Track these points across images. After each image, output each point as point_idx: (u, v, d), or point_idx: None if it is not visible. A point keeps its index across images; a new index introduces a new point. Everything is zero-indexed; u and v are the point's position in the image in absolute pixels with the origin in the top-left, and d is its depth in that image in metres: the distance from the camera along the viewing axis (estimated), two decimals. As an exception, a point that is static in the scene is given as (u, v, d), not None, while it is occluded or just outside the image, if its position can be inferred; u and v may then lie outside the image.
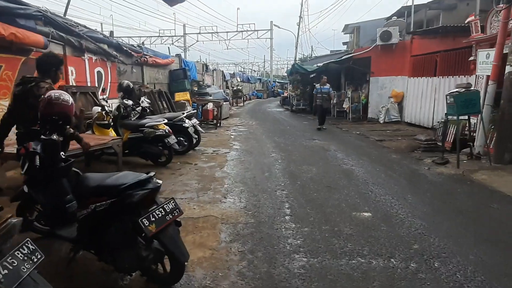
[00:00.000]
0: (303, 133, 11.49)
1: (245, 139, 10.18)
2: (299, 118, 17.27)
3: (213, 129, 12.34)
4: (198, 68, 18.04)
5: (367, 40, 25.74)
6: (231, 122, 14.64)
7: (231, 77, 30.68)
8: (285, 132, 11.83)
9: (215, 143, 9.47)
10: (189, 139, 7.70)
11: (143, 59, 10.65)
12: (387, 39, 14.21)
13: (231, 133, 11.37)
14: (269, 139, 10.30)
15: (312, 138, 10.43)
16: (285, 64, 69.23)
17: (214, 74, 22.44)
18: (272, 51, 43.88)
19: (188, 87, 13.54)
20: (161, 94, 10.44)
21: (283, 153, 8.08)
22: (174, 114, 7.67)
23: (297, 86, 21.26)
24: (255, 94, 40.84)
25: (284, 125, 13.98)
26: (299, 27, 29.15)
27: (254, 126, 13.49)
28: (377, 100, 15.01)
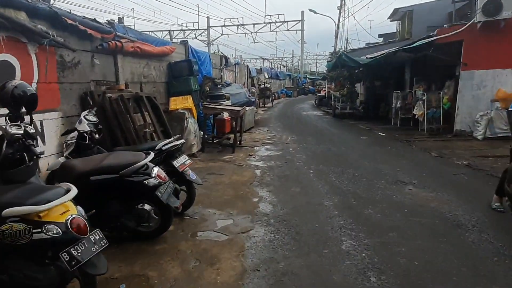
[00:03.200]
0: (374, 163, 6.96)
1: (280, 182, 5.83)
2: (350, 128, 12.64)
3: (229, 152, 8.07)
4: (215, 61, 13.84)
5: (421, 28, 20.74)
6: (256, 137, 10.31)
7: (257, 73, 26.37)
8: (343, 160, 7.35)
9: (225, 194, 5.20)
10: (163, 211, 3.46)
11: (114, 43, 6.55)
12: (494, 12, 9.34)
13: (256, 163, 7.04)
14: (320, 178, 5.90)
15: (398, 179, 5.89)
16: (313, 59, 64.12)
17: (236, 69, 18.20)
18: (303, 44, 39.07)
19: (194, 87, 9.35)
20: (141, 102, 6.31)
21: (368, 236, 3.66)
22: (124, 158, 3.33)
23: (342, 83, 16.57)
24: (284, 92, 36.39)
25: (335, 142, 9.46)
26: (340, 12, 24.28)
27: (291, 145, 9.08)
28: (471, 105, 10.16)
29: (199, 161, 7.20)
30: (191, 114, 7.61)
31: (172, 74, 9.35)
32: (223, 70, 14.73)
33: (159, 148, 4.00)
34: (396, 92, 13.22)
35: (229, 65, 15.62)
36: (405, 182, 5.69)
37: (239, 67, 18.81)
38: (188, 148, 7.49)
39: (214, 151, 8.18)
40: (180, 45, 10.40)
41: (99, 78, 6.50)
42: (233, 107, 8.28)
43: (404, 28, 24.75)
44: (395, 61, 13.38)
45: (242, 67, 20.60)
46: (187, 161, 4.26)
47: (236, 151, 8.20)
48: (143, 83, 8.13)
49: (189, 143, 7.46)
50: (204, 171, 6.39)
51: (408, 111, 12.81)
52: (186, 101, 7.53)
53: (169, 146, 4.05)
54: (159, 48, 8.50)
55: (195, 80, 9.49)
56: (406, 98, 12.92)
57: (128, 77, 7.48)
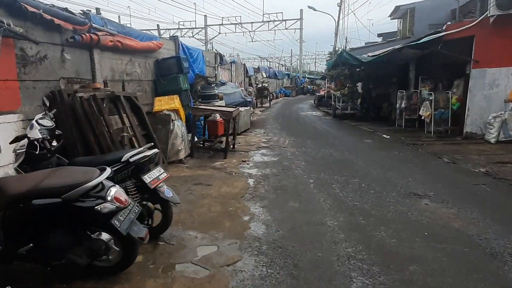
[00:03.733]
0: (381, 171, 6.21)
1: (275, 194, 5.07)
2: (352, 130, 11.90)
3: (221, 158, 7.32)
4: (209, 58, 13.08)
5: (423, 26, 20.06)
6: (251, 140, 9.55)
7: (255, 72, 25.61)
8: (346, 166, 6.60)
9: (211, 210, 4.44)
10: (125, 241, 2.70)
11: (88, 36, 5.79)
12: (509, 5, 8.63)
13: (249, 171, 6.29)
14: (321, 190, 5.14)
15: (410, 190, 5.14)
16: (312, 59, 63.38)
17: (232, 67, 17.43)
18: (302, 43, 38.33)
19: (184, 86, 8.59)
20: (118, 103, 5.54)
21: (383, 270, 2.91)
22: (70, 176, 2.57)
23: (343, 82, 15.83)
24: (282, 91, 35.63)
25: (336, 146, 8.72)
26: (340, 9, 23.54)
27: (289, 149, 8.33)
28: (482, 106, 9.44)
29: (186, 169, 6.45)
30: (178, 115, 6.85)
31: (159, 71, 8.58)
32: (218, 68, 13.96)
33: (126, 160, 3.24)
34: (400, 91, 12.49)
35: (224, 63, 14.86)
36: (419, 194, 4.94)
37: (235, 65, 18.05)
38: (175, 154, 6.74)
39: (204, 157, 7.43)
40: (169, 40, 9.63)
41: (71, 76, 5.72)
42: (225, 108, 7.53)
43: (405, 27, 24.06)
44: (399, 59, 12.67)
45: (239, 66, 19.84)
46: (161, 175, 3.51)
47: (229, 156, 7.44)
48: (126, 82, 7.35)
49: (176, 148, 6.71)
50: (190, 181, 5.63)
51: (413, 112, 12.10)
52: (172, 102, 6.77)
53: (139, 157, 3.30)
54: (144, 43, 7.73)
55: (184, 78, 8.72)
56: (411, 98, 12.20)
57: (107, 75, 6.71)
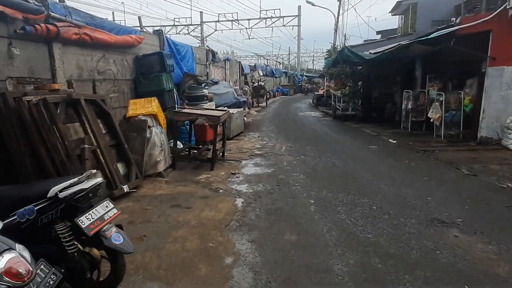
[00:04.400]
0: (394, 187, 5.28)
1: (268, 221, 4.12)
2: (354, 133, 10.96)
3: (207, 169, 6.36)
4: (199, 55, 12.09)
5: (426, 22, 19.20)
6: (244, 146, 8.58)
7: (251, 70, 24.64)
8: (352, 181, 5.66)
9: (185, 247, 3.48)
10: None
11: (44, 26, 4.81)
12: (531, -4, 7.73)
13: (239, 187, 5.33)
14: (324, 214, 4.20)
15: (433, 215, 4.22)
16: (310, 57, 62.38)
17: (226, 65, 16.44)
18: (300, 40, 37.39)
19: (167, 86, 7.62)
20: (79, 107, 4.54)
21: None
22: None
23: (343, 81, 14.88)
24: (280, 90, 34.68)
25: (339, 153, 7.78)
26: (340, 4, 22.57)
27: (286, 158, 7.38)
28: (499, 107, 8.55)
29: (164, 184, 5.49)
30: (156, 121, 5.88)
31: (140, 70, 7.61)
32: (210, 66, 12.98)
33: (53, 195, 2.29)
34: (406, 91, 11.57)
35: (217, 60, 13.87)
36: (444, 222, 4.02)
37: (229, 63, 17.06)
38: (152, 166, 5.78)
39: (188, 168, 6.47)
40: (152, 35, 8.64)
41: (22, 75, 4.75)
42: (212, 112, 6.57)
43: (407, 23, 23.14)
44: (405, 56, 11.73)
45: (234, 64, 18.86)
46: (108, 213, 2.56)
47: (217, 167, 6.49)
48: (98, 81, 6.38)
49: (154, 160, 5.75)
50: (167, 202, 4.68)
51: (421, 114, 11.19)
52: (149, 105, 5.81)
53: (72, 191, 2.34)
54: (119, 37, 6.75)
55: (168, 77, 7.74)
56: (417, 99, 11.28)
57: (73, 73, 5.73)
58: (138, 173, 5.30)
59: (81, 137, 4.58)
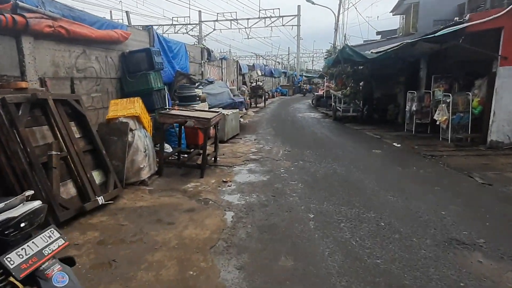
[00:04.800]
0: (403, 199, 4.73)
1: (261, 242, 3.56)
2: (355, 136, 10.41)
3: (197, 176, 5.80)
4: (194, 54, 11.55)
5: (428, 22, 18.72)
6: (239, 150, 8.03)
7: (249, 70, 24.10)
8: (355, 191, 5.11)
9: (159, 276, 2.92)
10: None
11: (10, 17, 4.26)
12: (548, -10, 7.21)
13: (230, 198, 4.77)
14: (326, 233, 3.65)
15: (450, 235, 3.67)
16: (310, 57, 61.87)
17: (223, 64, 15.90)
18: (299, 40, 36.85)
19: (156, 85, 7.07)
20: (48, 109, 4.00)
21: None
22: None
23: (344, 82, 14.33)
24: (279, 90, 34.15)
25: (340, 159, 7.24)
26: (341, 2, 22.04)
27: (283, 163, 6.83)
28: (511, 110, 8.02)
29: (147, 194, 4.93)
30: (139, 124, 5.32)
31: (126, 67, 7.07)
32: (205, 65, 12.44)
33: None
34: (410, 92, 11.03)
35: (212, 59, 13.33)
36: (465, 243, 3.47)
37: (226, 62, 16.52)
38: (135, 173, 5.23)
39: (176, 174, 5.91)
40: (140, 31, 8.10)
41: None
42: (203, 113, 6.01)
43: (408, 22, 22.65)
44: (409, 55, 11.20)
45: (231, 63, 18.31)
46: (52, 246, 2.00)
47: (207, 173, 5.94)
48: (77, 80, 5.83)
49: (136, 166, 5.20)
50: (147, 216, 4.12)
51: (425, 116, 10.66)
52: (131, 106, 5.24)
53: (-3, 220, 1.79)
54: (102, 32, 6.21)
55: (157, 76, 7.20)
56: (422, 100, 10.74)
57: (47, 71, 5.18)
58: (117, 181, 4.73)
59: (49, 142, 4.02)
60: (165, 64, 8.84)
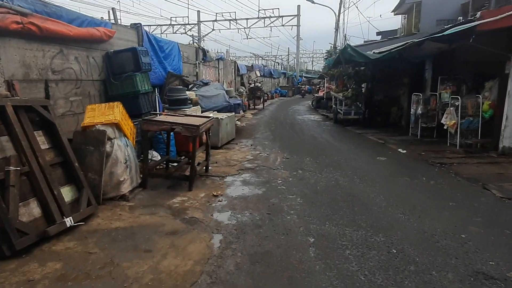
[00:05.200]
0: (414, 217, 4.18)
1: (251, 277, 3.01)
2: (358, 141, 9.86)
3: (185, 188, 5.24)
4: (188, 54, 11.00)
5: (431, 22, 18.24)
6: (233, 158, 7.47)
7: (248, 71, 23.58)
8: (361, 207, 4.56)
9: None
10: None
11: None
12: None
13: (219, 217, 4.20)
14: (329, 264, 3.10)
15: (475, 266, 3.12)
16: (309, 58, 61.41)
17: (220, 65, 15.35)
18: (299, 40, 36.33)
19: (142, 87, 6.52)
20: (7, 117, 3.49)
21: None
22: None
23: (345, 83, 13.79)
24: (278, 91, 33.64)
25: (343, 167, 6.69)
26: (342, 1, 21.51)
27: (281, 173, 6.27)
28: (525, 114, 7.49)
29: (126, 212, 4.37)
30: (119, 131, 4.77)
31: (111, 69, 6.52)
32: (200, 65, 11.89)
33: None
34: (415, 95, 10.49)
35: (208, 59, 12.78)
36: (493, 277, 2.92)
37: (223, 62, 15.97)
38: (114, 187, 4.67)
39: (162, 187, 5.36)
40: (128, 29, 7.54)
41: None
42: (192, 119, 5.45)
43: (410, 22, 22.18)
44: (415, 55, 10.66)
45: (228, 63, 17.77)
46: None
47: (197, 185, 5.39)
48: (53, 82, 5.28)
49: (116, 179, 4.65)
50: (121, 241, 3.57)
51: (431, 119, 10.13)
52: (110, 111, 4.69)
53: None
54: (82, 30, 5.66)
55: (144, 77, 6.65)
56: (428, 103, 10.21)
57: (16, 72, 4.63)
58: (91, 198, 4.18)
59: (7, 156, 3.47)
60: (156, 65, 8.31)
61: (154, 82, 8.24)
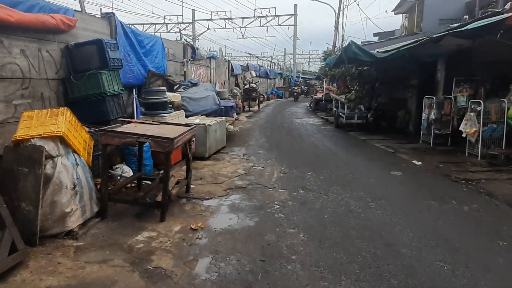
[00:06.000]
0: (463, 267, 3.08)
1: None
2: (365, 150, 8.75)
3: (156, 218, 4.09)
4: (174, 51, 9.85)
5: (433, 21, 17.31)
6: (222, 172, 6.32)
7: (243, 71, 22.47)
8: (384, 247, 3.45)
9: None
10: None
11: None
12: None
13: (193, 268, 3.07)
14: None
15: None
16: (306, 59, 60.48)
17: (212, 64, 14.20)
18: (296, 40, 35.28)
19: (110, 88, 5.35)
20: None
21: None
22: None
23: (347, 84, 12.70)
24: (274, 92, 32.57)
25: (352, 185, 5.58)
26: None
27: (278, 194, 5.13)
28: (561, 122, 6.44)
29: (68, 258, 3.21)
30: (66, 147, 3.62)
31: (72, 65, 5.36)
32: (188, 64, 10.74)
33: None
34: (428, 98, 9.42)
35: (198, 57, 11.62)
36: None
37: (216, 61, 14.82)
38: (57, 221, 3.51)
39: (128, 215, 4.20)
40: (97, 18, 6.38)
41: None
42: (167, 129, 4.30)
43: (412, 22, 21.27)
44: (427, 54, 9.59)
45: (221, 63, 16.63)
46: None
47: (172, 213, 4.24)
48: (-14, 81, 4.11)
49: (59, 211, 3.49)
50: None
51: (445, 125, 9.08)
52: (53, 121, 3.54)
53: None
54: (28, 16, 4.49)
55: (113, 76, 5.48)
56: (441, 107, 9.14)
57: None
58: (17, 241, 3.03)
59: None
60: (133, 62, 7.17)
61: (131, 82, 7.10)
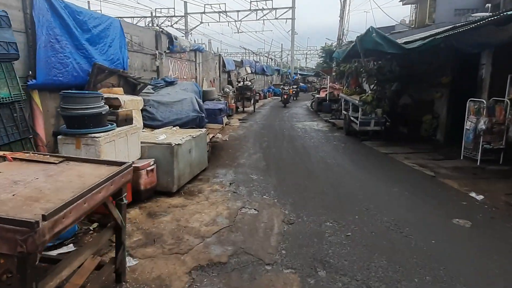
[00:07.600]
0: None
1: None
2: (392, 171, 6.48)
3: None
4: (140, 39, 7.55)
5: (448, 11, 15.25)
6: (191, 225, 4.07)
7: (237, 67, 20.19)
8: None
9: None
10: None
11: None
12: None
13: None
14: None
15: None
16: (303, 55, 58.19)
17: (198, 59, 11.88)
18: (294, 34, 32.97)
19: None
20: None
21: None
22: None
23: (360, 83, 10.46)
24: (271, 90, 30.35)
25: (403, 254, 3.38)
26: (348, -15, 18.17)
27: (283, 283, 2.92)
28: None
29: None
30: None
31: None
32: (163, 57, 8.44)
33: None
34: (473, 101, 7.22)
35: (177, 49, 9.30)
36: None
37: (203, 55, 12.50)
38: None
39: None
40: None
41: None
42: (28, 195, 2.10)
43: (423, 12, 19.10)
44: (469, 43, 7.38)
45: (210, 57, 14.30)
46: None
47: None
48: None
49: None
50: None
51: (498, 137, 6.91)
52: None
53: None
54: None
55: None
56: (492, 113, 6.96)
57: None
58: None
59: None
60: (68, 51, 4.91)
61: (63, 82, 4.84)
